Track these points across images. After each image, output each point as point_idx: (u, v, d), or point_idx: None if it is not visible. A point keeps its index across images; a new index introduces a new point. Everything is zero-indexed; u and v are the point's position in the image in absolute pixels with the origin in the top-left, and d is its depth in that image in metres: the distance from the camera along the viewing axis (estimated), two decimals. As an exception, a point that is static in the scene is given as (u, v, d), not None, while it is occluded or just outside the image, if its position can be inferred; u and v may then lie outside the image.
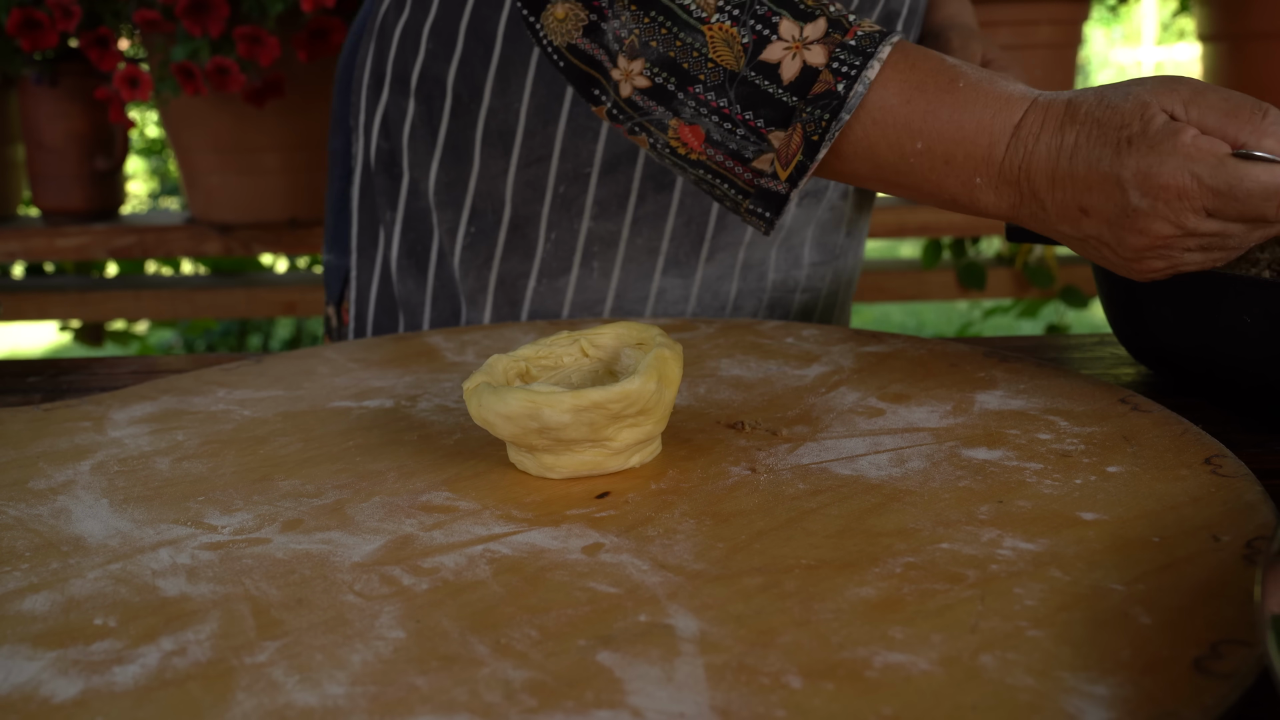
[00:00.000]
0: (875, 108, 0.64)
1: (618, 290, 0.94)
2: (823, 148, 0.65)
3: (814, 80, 0.64)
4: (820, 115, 0.64)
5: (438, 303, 0.98)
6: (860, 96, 0.64)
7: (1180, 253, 0.62)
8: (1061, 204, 0.62)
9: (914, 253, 3.30)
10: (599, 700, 0.40)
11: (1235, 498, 0.54)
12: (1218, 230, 0.60)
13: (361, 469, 0.62)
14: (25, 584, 0.50)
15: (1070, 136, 0.61)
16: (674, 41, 0.66)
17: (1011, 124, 0.63)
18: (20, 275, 2.38)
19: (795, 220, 0.97)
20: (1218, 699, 0.39)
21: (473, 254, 0.95)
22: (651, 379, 0.58)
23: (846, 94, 0.64)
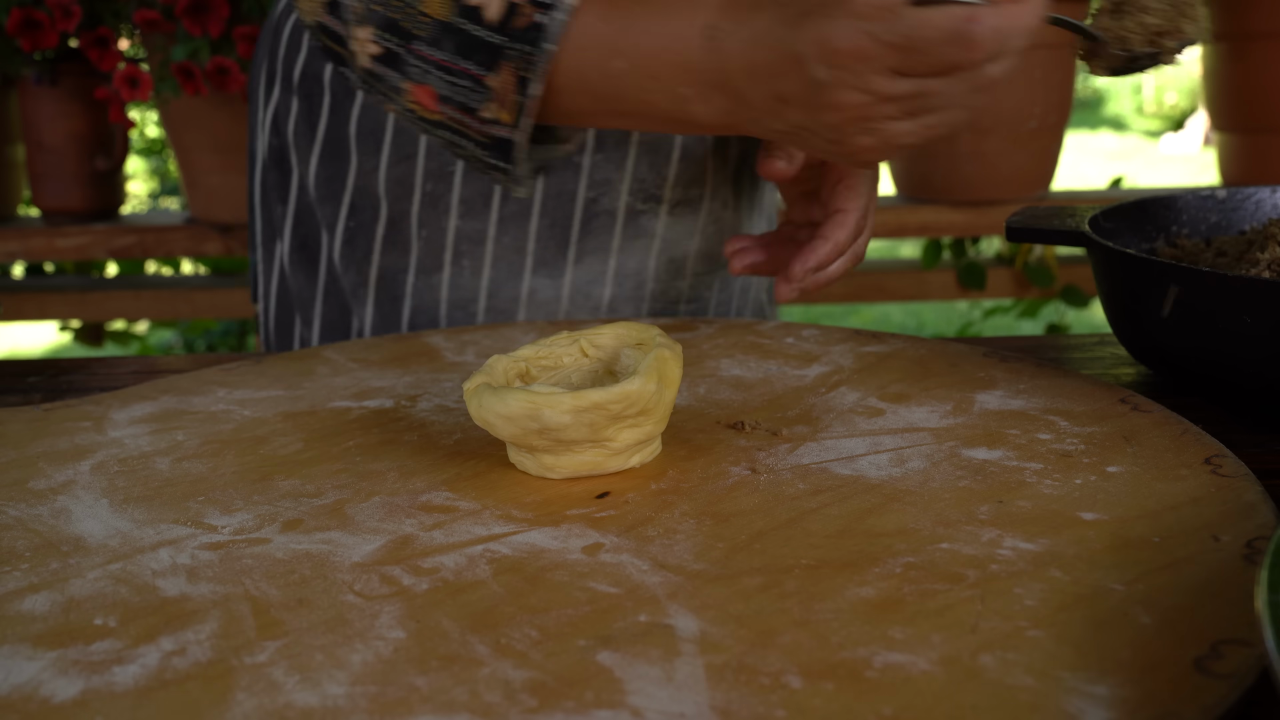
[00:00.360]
0: (578, 33, 0.62)
1: (489, 289, 0.94)
2: (534, 82, 0.63)
3: (515, 15, 0.62)
4: (526, 50, 0.63)
5: (328, 298, 0.99)
6: (562, 24, 0.62)
7: (884, 123, 0.57)
8: (763, 98, 0.58)
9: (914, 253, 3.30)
10: (599, 700, 0.40)
11: (1235, 498, 0.54)
12: (914, 90, 0.55)
13: (361, 469, 0.62)
14: (25, 584, 0.50)
15: (756, 23, 0.57)
16: (390, 3, 0.66)
17: (702, 24, 0.59)
18: (20, 275, 2.38)
19: (671, 230, 0.95)
20: (1218, 699, 0.39)
21: (352, 249, 0.96)
22: (652, 379, 0.58)
23: (548, 22, 0.62)
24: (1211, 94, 2.07)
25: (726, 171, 0.95)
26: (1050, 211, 0.83)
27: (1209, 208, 0.88)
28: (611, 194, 0.92)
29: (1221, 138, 2.07)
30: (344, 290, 0.98)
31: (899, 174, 2.02)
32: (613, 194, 0.92)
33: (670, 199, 0.92)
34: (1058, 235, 0.79)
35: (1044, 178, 1.98)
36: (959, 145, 1.90)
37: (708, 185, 0.93)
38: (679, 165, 0.91)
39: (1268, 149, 1.99)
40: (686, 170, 0.92)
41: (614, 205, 0.92)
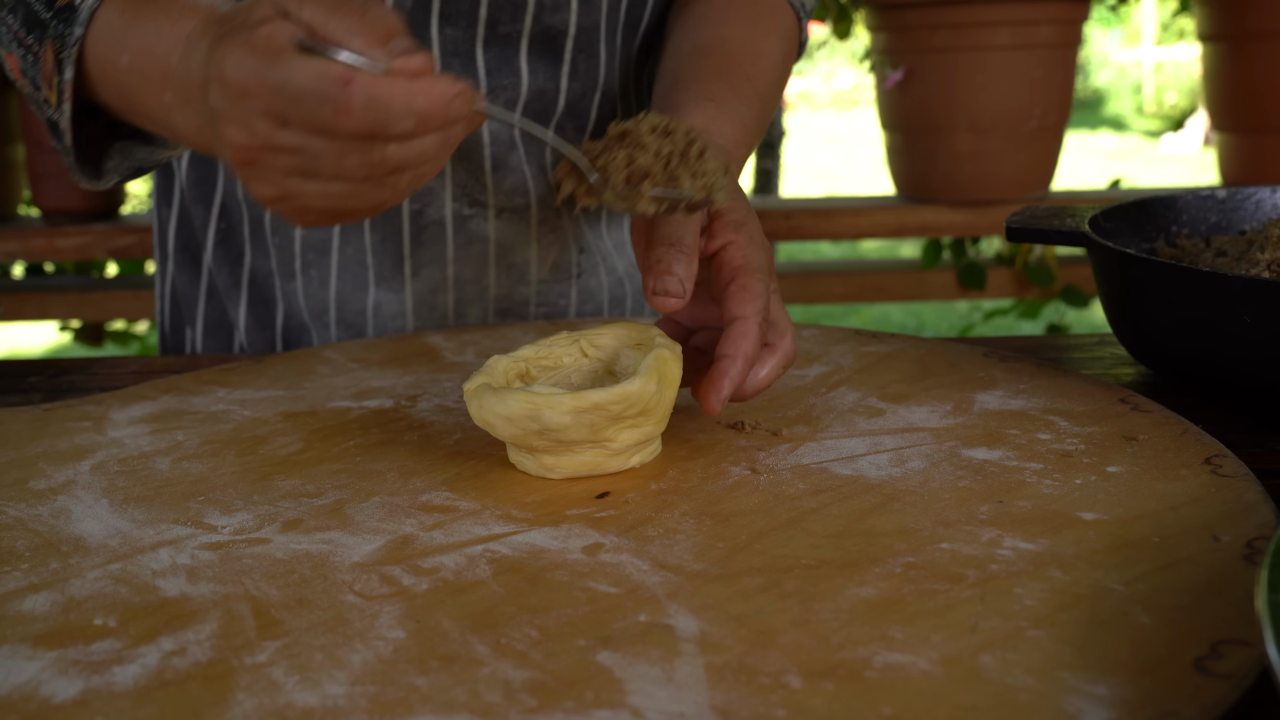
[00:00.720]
0: (101, 22, 0.59)
1: (338, 301, 0.93)
2: (67, 65, 0.60)
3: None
4: (62, 30, 0.60)
5: (210, 300, 0.99)
6: (90, 10, 0.59)
7: (277, 174, 0.51)
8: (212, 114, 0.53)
9: (914, 253, 3.30)
10: (599, 700, 0.40)
11: (1235, 498, 0.54)
12: (297, 144, 0.50)
13: (361, 469, 0.62)
14: (25, 584, 0.50)
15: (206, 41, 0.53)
16: None
17: (184, 33, 0.55)
18: (20, 275, 2.38)
19: (504, 235, 0.93)
20: (1218, 699, 0.39)
21: (225, 251, 0.96)
22: (652, 380, 0.58)
23: (79, 6, 0.59)
24: (1211, 94, 2.07)
25: (547, 181, 0.92)
26: (1050, 211, 0.83)
27: (1209, 208, 0.88)
28: (436, 203, 0.91)
29: (1221, 138, 2.07)
30: (219, 292, 0.98)
31: (899, 174, 2.02)
32: (437, 203, 0.91)
33: (495, 204, 0.91)
34: (1058, 235, 0.79)
35: (1044, 178, 1.98)
36: (959, 145, 1.90)
37: (532, 194, 0.92)
38: (494, 174, 0.90)
39: (1268, 149, 1.99)
40: (504, 178, 0.90)
41: (440, 214, 0.91)
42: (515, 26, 0.85)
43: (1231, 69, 1.99)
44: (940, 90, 1.89)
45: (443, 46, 0.84)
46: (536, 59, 0.87)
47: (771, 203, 2.16)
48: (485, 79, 0.86)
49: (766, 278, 0.62)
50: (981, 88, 1.87)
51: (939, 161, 1.94)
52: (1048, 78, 1.88)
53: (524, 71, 0.87)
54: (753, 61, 0.80)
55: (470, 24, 0.84)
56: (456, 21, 0.84)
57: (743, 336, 0.60)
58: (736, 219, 0.64)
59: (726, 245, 0.63)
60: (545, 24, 0.85)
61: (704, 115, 0.72)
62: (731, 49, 0.80)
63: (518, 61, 0.86)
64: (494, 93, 0.87)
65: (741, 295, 0.61)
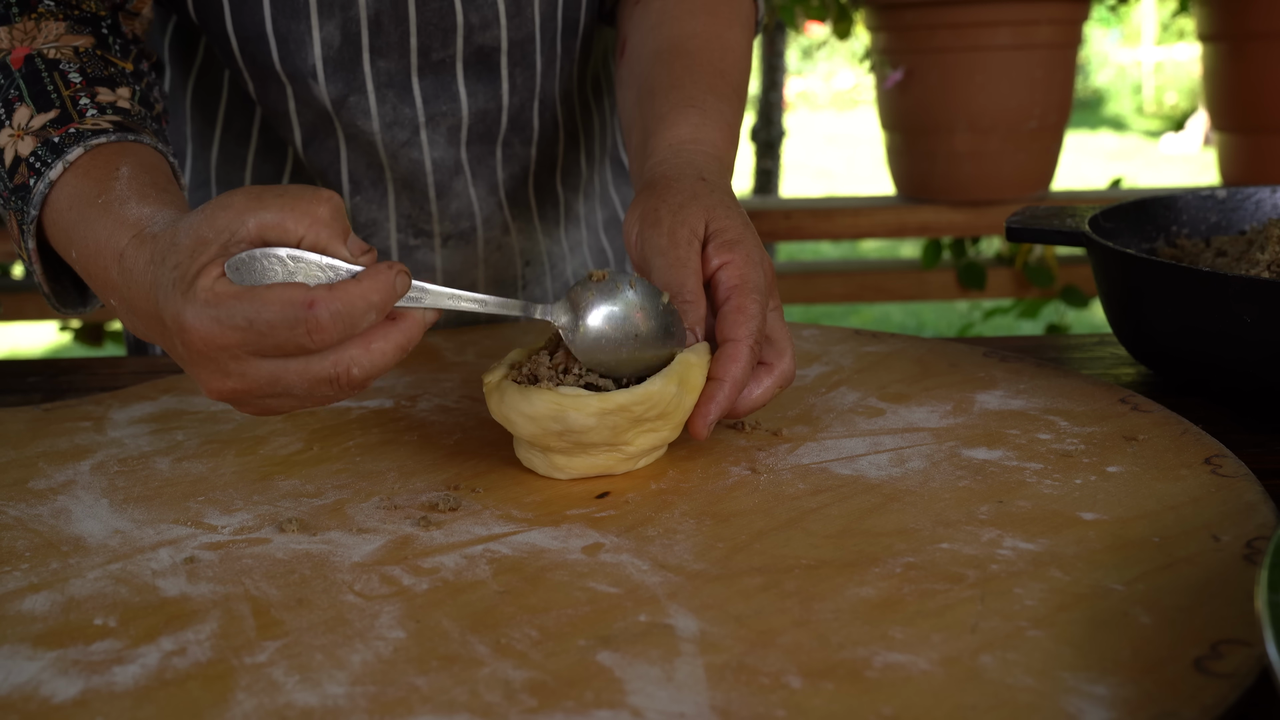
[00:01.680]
0: (54, 209, 0.63)
1: None
2: (28, 238, 0.64)
3: (17, 170, 0.64)
4: (21, 206, 0.64)
5: None
6: (43, 195, 0.63)
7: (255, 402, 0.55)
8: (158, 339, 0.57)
9: (914, 253, 3.30)
10: (599, 700, 0.40)
11: (1235, 498, 0.54)
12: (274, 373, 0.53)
13: (361, 469, 0.62)
14: (25, 584, 0.50)
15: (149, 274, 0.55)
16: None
17: (118, 249, 0.58)
18: (20, 275, 2.38)
19: (451, 263, 0.93)
20: (1218, 699, 0.39)
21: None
22: (672, 382, 0.58)
23: (33, 189, 0.63)
24: (1211, 94, 2.07)
25: (495, 198, 0.92)
26: (1050, 211, 0.83)
27: (1209, 208, 0.88)
28: (381, 233, 0.90)
29: (1221, 138, 2.07)
30: None
31: (899, 174, 2.02)
32: (382, 233, 0.90)
33: (441, 233, 0.91)
34: (1058, 235, 0.79)
35: (1044, 178, 1.98)
36: (959, 145, 1.90)
37: (478, 216, 0.92)
38: (438, 201, 0.90)
39: (1268, 149, 1.99)
40: (449, 204, 0.90)
41: (385, 244, 0.91)
42: (448, 52, 0.84)
43: (1231, 69, 1.99)
44: (940, 90, 1.89)
45: (376, 79, 0.83)
46: (474, 80, 0.86)
47: (771, 203, 2.16)
48: (423, 107, 0.85)
49: (763, 297, 0.61)
50: (981, 88, 1.87)
51: (939, 161, 1.94)
52: (1048, 78, 1.88)
53: (462, 95, 0.86)
54: (722, 55, 0.79)
55: (402, 54, 0.83)
56: (388, 54, 0.83)
57: (732, 360, 0.59)
58: (731, 238, 0.63)
59: (722, 265, 0.62)
60: (477, 44, 0.84)
61: (690, 124, 0.72)
62: (698, 45, 0.79)
63: (455, 86, 0.85)
64: (434, 120, 0.86)
65: (735, 317, 0.60)
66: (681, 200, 0.64)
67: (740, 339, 0.60)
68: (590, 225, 1.03)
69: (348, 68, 0.82)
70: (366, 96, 0.84)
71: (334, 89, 0.83)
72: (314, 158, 0.87)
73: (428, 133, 0.86)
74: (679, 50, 0.79)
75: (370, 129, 0.85)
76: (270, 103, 0.85)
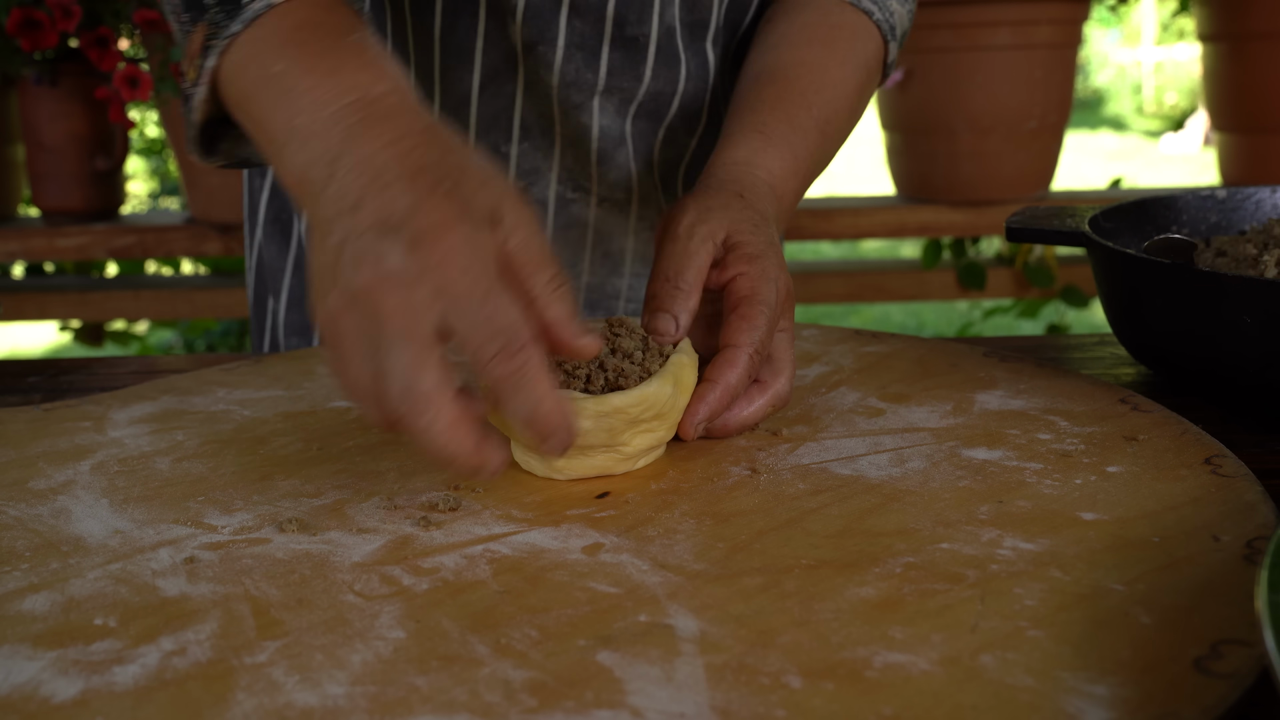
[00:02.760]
0: (267, 28, 0.57)
1: None
2: (213, 54, 0.58)
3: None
4: (220, 19, 0.59)
5: (296, 272, 0.98)
6: (257, 12, 0.57)
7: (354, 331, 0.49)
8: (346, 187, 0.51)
9: (914, 253, 3.30)
10: (599, 700, 0.40)
11: (1235, 498, 0.54)
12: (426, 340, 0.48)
13: (361, 469, 0.62)
14: (25, 584, 0.50)
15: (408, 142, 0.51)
16: None
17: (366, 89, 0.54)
18: (20, 275, 2.38)
19: (604, 223, 0.93)
20: (1218, 699, 0.39)
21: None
22: (668, 383, 0.58)
23: (247, 4, 0.58)
24: (1211, 94, 2.07)
25: (653, 179, 0.92)
26: (1050, 211, 0.83)
27: (1209, 208, 0.88)
28: (541, 183, 0.91)
29: (1221, 138, 2.07)
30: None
31: (899, 174, 2.02)
32: (542, 183, 0.91)
33: (599, 193, 0.91)
34: (1058, 235, 0.79)
35: (1044, 178, 1.98)
36: (959, 145, 1.90)
37: (635, 190, 0.92)
38: (599, 166, 0.90)
39: (1268, 149, 1.99)
40: (609, 171, 0.90)
41: (544, 195, 0.91)
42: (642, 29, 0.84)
43: (1231, 69, 1.99)
44: (940, 90, 1.89)
45: (570, 36, 0.83)
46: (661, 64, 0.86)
47: (771, 203, 2.16)
48: (605, 78, 0.86)
49: (772, 311, 0.61)
50: (981, 88, 1.87)
51: (939, 161, 1.94)
52: (1048, 78, 1.88)
53: (647, 76, 0.86)
54: (818, 90, 0.78)
55: (598, 19, 0.83)
56: (585, 14, 0.83)
57: (728, 365, 0.60)
58: (752, 252, 0.63)
59: (737, 276, 0.63)
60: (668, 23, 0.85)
61: (749, 148, 0.72)
62: (798, 74, 0.78)
63: (643, 68, 0.86)
64: (610, 91, 0.86)
65: (738, 324, 0.60)
66: (710, 205, 0.65)
67: (740, 345, 0.60)
68: None
69: (545, 17, 0.83)
70: (555, 50, 0.84)
71: (528, 32, 0.83)
72: (488, 103, 0.87)
73: (600, 100, 0.86)
74: (775, 76, 0.79)
75: (550, 81, 0.85)
76: (456, 40, 0.84)
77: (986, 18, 1.84)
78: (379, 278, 0.48)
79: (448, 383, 0.48)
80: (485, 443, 0.50)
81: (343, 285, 0.49)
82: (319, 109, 0.53)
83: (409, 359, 0.48)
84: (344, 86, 0.54)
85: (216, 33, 0.59)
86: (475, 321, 0.48)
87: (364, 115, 0.52)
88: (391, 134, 0.52)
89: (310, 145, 0.53)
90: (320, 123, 0.53)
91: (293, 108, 0.54)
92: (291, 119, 0.54)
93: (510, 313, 0.48)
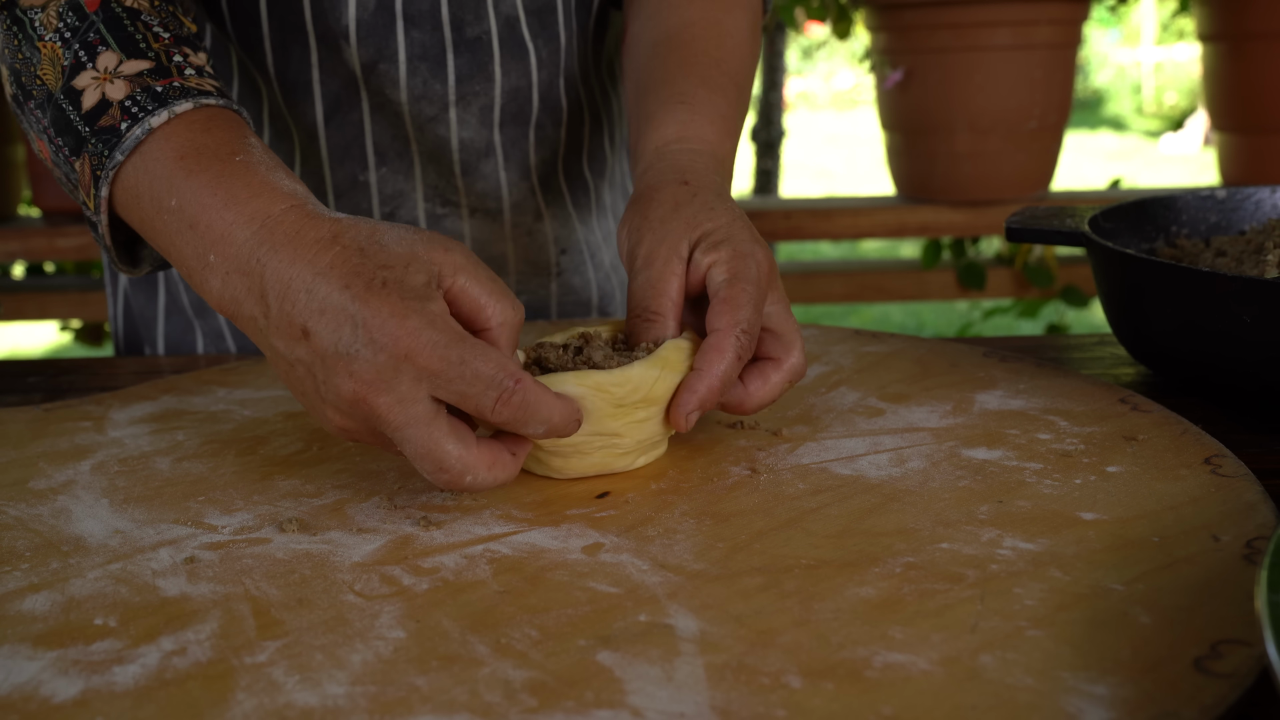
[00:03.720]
0: (151, 156, 0.60)
1: None
2: (104, 185, 0.61)
3: (104, 113, 0.61)
4: (101, 150, 0.61)
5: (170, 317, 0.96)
6: (137, 140, 0.60)
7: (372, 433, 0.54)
8: (286, 318, 0.53)
9: (914, 253, 3.30)
10: (599, 700, 0.40)
11: (1235, 498, 0.54)
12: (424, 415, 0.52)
13: (361, 469, 0.62)
14: (25, 584, 0.50)
15: (326, 255, 0.53)
16: (18, 54, 0.66)
17: (266, 213, 0.55)
18: (20, 275, 2.38)
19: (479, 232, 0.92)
20: (1218, 699, 0.39)
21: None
22: (654, 366, 0.58)
23: (125, 133, 0.60)
24: (1211, 94, 2.07)
25: (528, 183, 0.91)
26: (1050, 211, 0.83)
27: (1209, 208, 0.88)
28: (408, 204, 0.89)
29: (1221, 138, 2.07)
30: (183, 307, 0.95)
31: (899, 174, 2.02)
32: (409, 204, 0.89)
33: (468, 204, 0.90)
34: (1058, 235, 0.79)
35: (1044, 178, 1.98)
36: (959, 145, 1.90)
37: (505, 199, 0.91)
38: (464, 178, 0.89)
39: (1268, 149, 1.99)
40: (475, 182, 0.89)
41: (413, 214, 0.90)
42: (482, 27, 0.83)
43: (1231, 69, 1.99)
44: (940, 90, 1.89)
45: (410, 49, 0.82)
46: (508, 58, 0.85)
47: (771, 203, 2.16)
48: (455, 85, 0.84)
49: (755, 288, 0.60)
50: (981, 88, 1.87)
51: (939, 161, 1.94)
52: (1048, 78, 1.88)
53: (497, 74, 0.85)
54: (719, 43, 0.77)
55: (435, 25, 0.82)
56: (421, 23, 0.82)
57: (715, 351, 0.59)
58: (718, 238, 0.62)
59: (711, 265, 0.61)
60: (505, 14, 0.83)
61: (677, 123, 0.70)
62: (695, 34, 0.77)
63: (491, 66, 0.85)
64: (465, 100, 0.85)
65: (720, 308, 0.59)
66: (663, 214, 0.63)
67: (724, 329, 0.59)
68: (616, 215, 1.03)
69: (380, 34, 0.82)
70: (397, 66, 0.83)
71: (365, 52, 0.82)
72: (335, 133, 0.86)
73: (457, 111, 0.86)
74: (674, 41, 0.77)
75: (398, 99, 0.84)
76: (291, 74, 0.83)
77: (986, 18, 1.84)
78: (360, 385, 0.51)
79: (464, 438, 0.53)
80: (521, 451, 0.56)
81: (333, 402, 0.53)
82: (226, 245, 0.56)
83: (420, 442, 0.52)
84: (244, 216, 0.56)
85: (101, 163, 0.61)
86: (462, 387, 0.51)
87: (272, 241, 0.54)
88: (306, 252, 0.53)
89: (231, 281, 0.55)
90: (232, 259, 0.55)
91: (200, 244, 0.56)
92: (203, 254, 0.56)
93: (489, 362, 0.51)
